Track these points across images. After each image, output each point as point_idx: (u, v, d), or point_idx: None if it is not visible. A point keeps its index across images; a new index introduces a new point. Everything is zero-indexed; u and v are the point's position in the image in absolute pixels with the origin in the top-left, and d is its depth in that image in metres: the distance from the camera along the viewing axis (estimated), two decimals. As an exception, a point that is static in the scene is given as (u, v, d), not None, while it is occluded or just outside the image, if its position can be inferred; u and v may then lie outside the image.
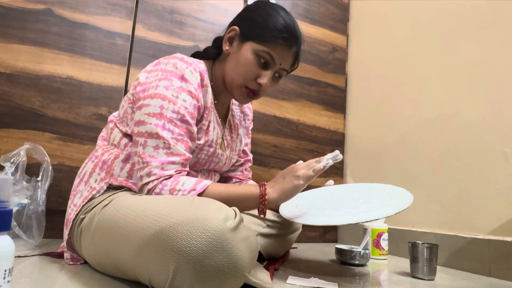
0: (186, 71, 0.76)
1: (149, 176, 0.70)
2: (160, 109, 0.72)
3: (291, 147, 1.59)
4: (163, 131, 0.71)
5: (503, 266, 1.00)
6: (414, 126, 1.40)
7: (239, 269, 0.50)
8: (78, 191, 0.80)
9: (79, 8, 1.23)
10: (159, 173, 0.70)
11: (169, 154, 0.71)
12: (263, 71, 0.81)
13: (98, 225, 0.67)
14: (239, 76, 0.81)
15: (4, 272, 0.38)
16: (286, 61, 0.82)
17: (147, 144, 0.71)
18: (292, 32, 0.80)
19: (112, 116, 0.89)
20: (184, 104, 0.74)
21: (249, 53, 0.80)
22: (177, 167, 0.72)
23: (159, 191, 0.69)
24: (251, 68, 0.80)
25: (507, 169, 1.06)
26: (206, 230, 0.49)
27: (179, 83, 0.75)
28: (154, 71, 0.78)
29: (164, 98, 0.73)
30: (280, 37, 0.78)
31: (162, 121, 0.72)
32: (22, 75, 1.13)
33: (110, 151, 0.82)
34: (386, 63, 1.58)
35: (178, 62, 0.77)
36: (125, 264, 0.59)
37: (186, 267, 0.48)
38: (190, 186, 0.70)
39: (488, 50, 1.17)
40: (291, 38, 0.80)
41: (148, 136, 0.72)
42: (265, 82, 0.80)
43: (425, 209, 1.29)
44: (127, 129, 0.82)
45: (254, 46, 0.79)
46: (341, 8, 1.82)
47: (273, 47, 0.79)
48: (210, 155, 0.86)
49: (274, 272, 0.84)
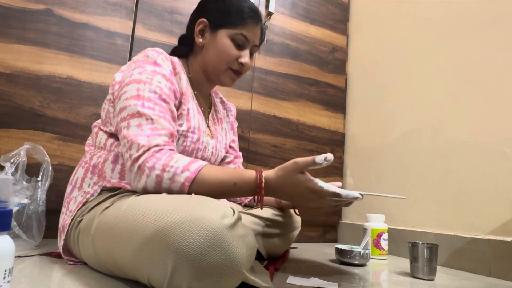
0: (158, 58, 0.80)
1: (137, 151, 0.68)
2: (136, 91, 0.74)
3: (291, 147, 1.59)
4: (143, 108, 0.72)
5: (503, 266, 1.00)
6: (414, 126, 1.40)
7: (236, 266, 0.51)
8: (72, 197, 0.80)
9: (79, 8, 1.23)
10: (147, 144, 0.68)
11: (154, 129, 0.71)
12: (241, 52, 0.88)
13: (99, 227, 0.67)
14: (221, 62, 0.87)
15: (4, 272, 0.38)
16: (257, 37, 0.90)
17: (130, 125, 0.71)
18: (255, 10, 0.88)
19: (95, 122, 0.90)
20: (159, 85, 0.76)
21: (225, 40, 0.86)
22: (164, 139, 0.71)
23: (152, 165, 0.66)
24: (230, 52, 0.86)
25: (507, 169, 1.06)
26: (204, 228, 0.49)
27: (152, 68, 0.78)
28: (128, 66, 0.82)
29: (139, 82, 0.75)
30: (248, 17, 0.86)
31: (141, 101, 0.73)
32: (22, 75, 1.13)
33: (98, 154, 0.82)
34: (386, 63, 1.58)
35: (149, 52, 0.81)
36: (125, 264, 0.60)
37: (184, 265, 0.49)
38: (184, 164, 0.67)
39: (488, 50, 1.17)
40: (256, 16, 0.88)
41: (130, 117, 0.72)
42: (246, 61, 0.88)
43: (425, 209, 1.29)
44: (111, 128, 0.83)
45: (227, 32, 0.86)
46: (341, 8, 1.82)
47: (244, 27, 0.86)
48: (195, 142, 0.86)
49: (274, 272, 0.84)
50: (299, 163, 0.68)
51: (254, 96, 1.53)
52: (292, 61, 1.64)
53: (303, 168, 0.68)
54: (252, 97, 1.52)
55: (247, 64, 0.89)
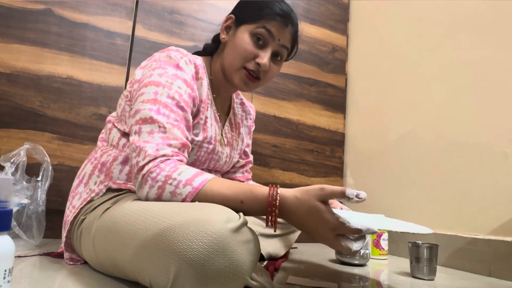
0: (181, 61, 0.76)
1: (143, 159, 0.64)
2: (154, 95, 0.70)
3: (291, 147, 1.59)
4: (157, 115, 0.68)
5: (503, 266, 1.00)
6: (414, 126, 1.39)
7: (239, 273, 0.49)
8: (77, 192, 0.80)
9: (79, 8, 1.23)
10: (154, 153, 0.65)
11: (165, 138, 0.67)
12: (261, 51, 0.79)
13: (100, 227, 0.67)
14: (236, 58, 0.80)
15: (4, 272, 0.38)
16: (285, 37, 0.80)
17: (141, 131, 0.68)
18: (287, 14, 0.80)
19: (110, 116, 0.88)
20: (179, 91, 0.72)
21: (245, 34, 0.79)
22: (173, 149, 0.67)
23: (155, 176, 0.63)
24: (247, 48, 0.79)
25: (507, 169, 1.06)
26: (207, 233, 0.48)
27: (173, 71, 0.74)
28: (149, 64, 0.78)
29: (158, 84, 0.71)
30: (275, 14, 0.78)
31: (157, 106, 0.69)
32: (22, 75, 1.13)
33: (109, 152, 0.81)
34: (386, 63, 1.58)
35: (172, 53, 0.76)
36: (125, 265, 0.59)
37: (187, 271, 0.48)
38: (187, 178, 0.62)
39: (488, 50, 1.17)
40: (286, 17, 0.79)
41: (143, 122, 0.68)
42: (264, 62, 0.78)
43: (425, 209, 1.29)
44: (125, 127, 0.81)
45: (249, 28, 0.79)
46: (341, 8, 1.82)
47: (268, 22, 0.78)
48: (210, 152, 0.85)
49: (274, 272, 0.84)
50: (326, 190, 0.59)
51: (254, 96, 1.53)
52: (292, 61, 1.64)
53: (328, 197, 0.59)
54: (252, 97, 1.52)
55: (264, 65, 0.78)
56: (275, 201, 0.59)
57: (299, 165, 1.60)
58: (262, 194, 0.61)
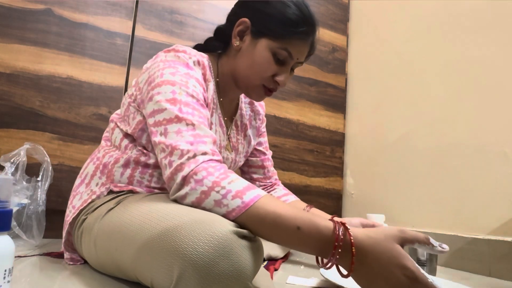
0: (190, 61, 0.73)
1: (180, 158, 0.58)
2: (172, 94, 0.66)
3: (291, 147, 1.59)
4: (182, 113, 0.64)
5: (503, 266, 1.00)
6: (414, 126, 1.40)
7: (243, 278, 0.49)
8: (79, 192, 0.79)
9: (79, 8, 1.23)
10: (193, 149, 0.59)
11: (196, 135, 0.61)
12: (280, 68, 0.78)
13: (101, 227, 0.66)
14: (255, 75, 0.78)
15: (4, 272, 0.38)
16: (303, 55, 0.79)
17: (168, 131, 0.62)
18: (309, 23, 0.76)
19: (114, 114, 0.86)
20: (195, 90, 0.69)
21: (265, 52, 0.76)
22: (210, 147, 0.61)
23: (201, 179, 0.56)
24: (268, 66, 0.77)
25: (507, 169, 1.06)
26: (212, 236, 0.47)
27: (185, 70, 0.71)
28: (155, 64, 0.74)
29: (173, 83, 0.67)
30: (298, 32, 0.75)
31: (178, 106, 0.65)
32: (22, 75, 1.13)
33: (111, 153, 0.80)
34: (386, 63, 1.58)
35: (179, 53, 0.73)
36: (126, 265, 0.59)
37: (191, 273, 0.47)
38: (238, 189, 0.55)
39: (488, 50, 1.17)
40: (309, 30, 0.76)
41: (168, 122, 0.63)
42: (283, 80, 0.78)
43: (425, 209, 1.29)
44: (127, 128, 0.79)
45: (270, 44, 0.76)
46: (341, 8, 1.82)
47: (290, 42, 0.75)
48: None
49: (274, 272, 0.84)
50: (408, 233, 0.52)
51: (254, 96, 1.53)
52: (292, 61, 1.64)
53: (410, 242, 0.52)
54: (252, 97, 1.52)
55: (283, 83, 0.79)
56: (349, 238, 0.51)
57: (299, 165, 1.60)
58: (325, 226, 0.52)
